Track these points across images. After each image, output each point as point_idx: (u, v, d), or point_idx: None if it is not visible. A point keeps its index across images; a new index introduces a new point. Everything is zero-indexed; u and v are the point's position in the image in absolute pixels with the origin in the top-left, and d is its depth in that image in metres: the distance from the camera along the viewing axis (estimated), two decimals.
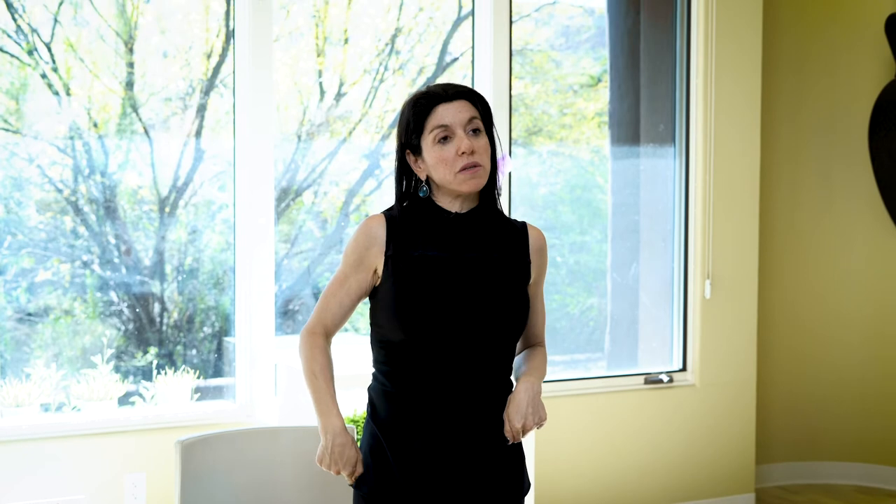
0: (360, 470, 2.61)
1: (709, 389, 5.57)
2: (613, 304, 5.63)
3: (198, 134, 4.73)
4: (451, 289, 2.54)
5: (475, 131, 2.58)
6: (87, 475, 4.39)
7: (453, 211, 2.61)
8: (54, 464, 4.33)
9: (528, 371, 2.64)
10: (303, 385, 4.42)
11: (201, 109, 4.74)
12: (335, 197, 5.09)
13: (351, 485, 2.64)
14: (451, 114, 2.56)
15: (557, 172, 5.55)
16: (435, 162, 2.56)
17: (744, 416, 5.66)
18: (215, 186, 4.79)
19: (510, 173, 5.04)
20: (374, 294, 2.63)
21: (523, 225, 2.69)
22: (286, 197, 4.93)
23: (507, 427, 2.56)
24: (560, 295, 5.44)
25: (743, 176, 5.58)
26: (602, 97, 5.57)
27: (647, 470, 5.43)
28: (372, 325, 2.64)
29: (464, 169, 2.54)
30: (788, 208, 6.12)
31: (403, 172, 2.64)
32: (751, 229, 5.62)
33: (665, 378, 5.49)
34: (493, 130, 2.68)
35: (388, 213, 2.64)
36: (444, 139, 2.55)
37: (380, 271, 2.60)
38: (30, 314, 4.52)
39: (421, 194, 2.61)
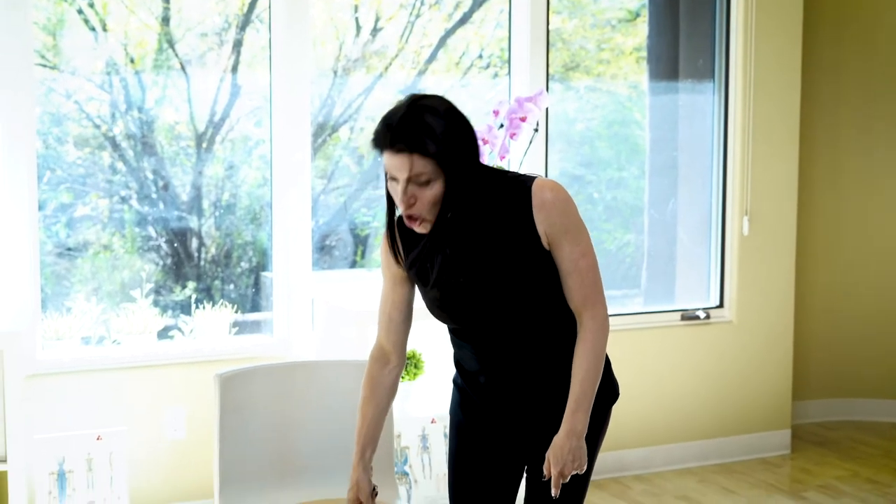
0: None
1: (746, 326, 5.55)
2: (650, 241, 5.61)
3: (234, 69, 4.72)
4: (464, 293, 2.56)
5: (423, 182, 2.42)
6: (129, 407, 4.44)
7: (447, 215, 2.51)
8: (96, 396, 4.39)
9: (573, 404, 2.54)
10: (340, 318, 4.45)
11: (237, 45, 4.73)
12: (371, 133, 5.07)
13: None
14: (393, 165, 2.42)
15: (595, 108, 5.51)
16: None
17: (781, 352, 5.65)
18: (252, 122, 4.79)
19: (546, 109, 5.00)
20: None
21: (529, 186, 2.52)
22: (322, 132, 4.93)
23: (545, 467, 2.55)
24: (597, 231, 5.43)
25: (783, 111, 5.52)
26: (640, 32, 5.51)
27: (683, 406, 5.44)
28: None
29: (406, 216, 2.47)
30: (828, 142, 6.06)
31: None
32: (790, 165, 5.57)
33: (702, 314, 5.48)
34: (461, 183, 2.44)
35: (389, 230, 2.62)
36: (393, 178, 2.45)
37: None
38: (69, 249, 4.56)
39: (396, 217, 2.58)
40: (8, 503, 3.85)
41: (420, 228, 2.48)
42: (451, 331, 2.71)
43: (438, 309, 2.61)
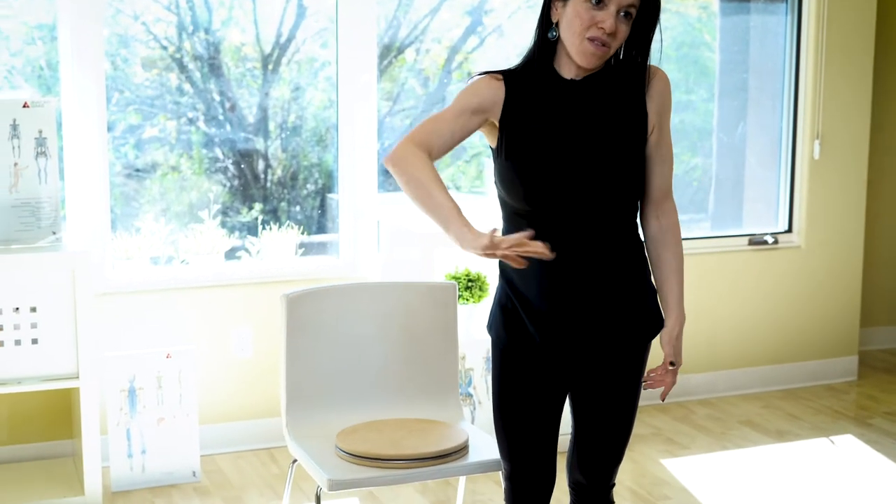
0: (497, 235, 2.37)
1: (814, 251, 5.49)
2: (718, 164, 5.55)
3: None
4: (564, 162, 2.51)
5: (626, 15, 2.48)
6: (197, 326, 4.51)
7: (569, 77, 2.55)
8: (164, 315, 4.46)
9: (679, 296, 2.69)
10: (405, 240, 4.46)
11: None
12: (437, 54, 5.05)
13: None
14: None
15: (663, 29, 5.38)
16: (572, 17, 2.48)
17: (849, 278, 5.59)
18: (318, 43, 4.77)
19: None
20: (495, 155, 2.61)
21: (643, 65, 2.58)
22: (388, 54, 4.90)
23: (667, 360, 2.68)
24: None
25: (857, 32, 5.40)
26: None
27: (749, 331, 5.41)
28: (495, 183, 2.64)
29: (591, 39, 2.47)
30: None
31: (546, 11, 2.56)
32: (864, 88, 5.46)
33: (770, 239, 5.43)
34: (655, 31, 2.57)
35: (509, 75, 2.59)
36: (598, 3, 2.46)
37: (495, 128, 2.59)
38: (138, 170, 4.61)
39: (550, 36, 2.55)
40: (81, 419, 3.94)
41: (591, 59, 2.49)
42: (517, 214, 2.60)
43: (536, 176, 2.52)
